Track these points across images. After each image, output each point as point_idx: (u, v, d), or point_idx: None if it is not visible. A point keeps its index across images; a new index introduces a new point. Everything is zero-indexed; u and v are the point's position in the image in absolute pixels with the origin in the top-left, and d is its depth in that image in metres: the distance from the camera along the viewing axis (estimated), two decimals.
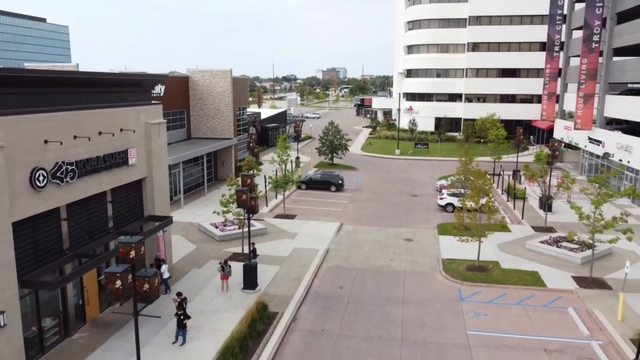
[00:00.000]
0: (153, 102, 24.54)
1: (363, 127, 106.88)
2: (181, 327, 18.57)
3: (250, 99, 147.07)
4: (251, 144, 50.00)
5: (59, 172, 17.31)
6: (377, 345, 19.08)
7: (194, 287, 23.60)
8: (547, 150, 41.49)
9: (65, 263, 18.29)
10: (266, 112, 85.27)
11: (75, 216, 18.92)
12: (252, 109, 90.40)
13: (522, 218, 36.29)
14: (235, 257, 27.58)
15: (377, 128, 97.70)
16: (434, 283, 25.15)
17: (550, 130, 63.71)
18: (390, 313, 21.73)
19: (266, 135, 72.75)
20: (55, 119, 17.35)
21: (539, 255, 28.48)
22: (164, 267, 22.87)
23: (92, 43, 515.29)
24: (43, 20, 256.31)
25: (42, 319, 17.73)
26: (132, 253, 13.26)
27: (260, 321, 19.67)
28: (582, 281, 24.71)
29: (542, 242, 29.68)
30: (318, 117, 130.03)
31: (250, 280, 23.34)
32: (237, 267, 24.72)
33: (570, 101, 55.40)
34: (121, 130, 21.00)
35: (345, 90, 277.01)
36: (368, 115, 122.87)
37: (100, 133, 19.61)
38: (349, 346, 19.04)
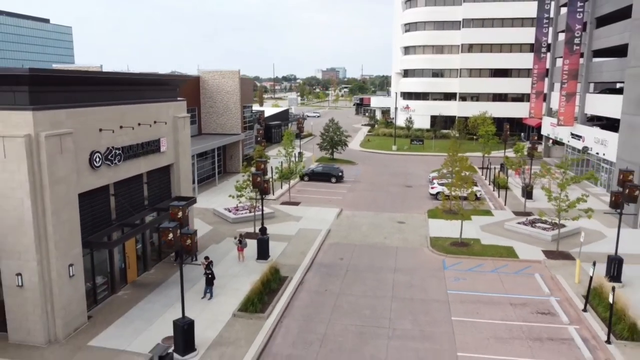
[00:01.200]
0: (178, 98, 28.35)
1: (362, 125, 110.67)
2: (209, 285, 22.37)
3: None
4: (259, 139, 53.75)
5: (109, 155, 21.10)
6: (371, 301, 22.88)
7: (214, 258, 27.15)
8: (528, 144, 45.22)
9: (113, 231, 22.08)
10: (269, 110, 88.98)
11: (121, 193, 22.72)
12: (255, 107, 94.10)
13: (505, 204, 40.11)
14: (248, 236, 31.28)
15: (376, 126, 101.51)
16: (422, 256, 28.97)
17: (540, 127, 67.55)
18: (383, 278, 25.53)
19: (269, 132, 76.46)
20: (107, 111, 21.13)
21: (516, 234, 32.32)
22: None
23: (93, 43, 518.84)
24: (46, 21, 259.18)
25: (95, 276, 21.52)
26: (180, 214, 17.07)
27: (273, 281, 23.46)
28: (549, 254, 28.53)
29: (519, 223, 33.54)
30: (318, 116, 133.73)
31: (262, 252, 27.15)
32: (250, 243, 28.50)
33: (556, 99, 59.16)
34: (155, 122, 24.79)
35: (345, 90, 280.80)
36: (367, 114, 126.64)
37: (139, 124, 23.41)
38: (348, 301, 22.84)
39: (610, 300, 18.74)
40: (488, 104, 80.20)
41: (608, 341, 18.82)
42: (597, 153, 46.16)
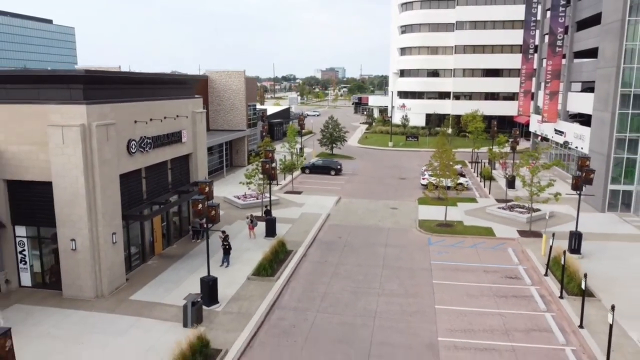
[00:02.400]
0: (195, 96, 32.15)
1: (360, 123, 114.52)
2: (226, 254, 26.16)
3: None
4: (263, 134, 57.62)
5: (142, 144, 24.88)
6: (364, 269, 26.68)
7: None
8: (511, 139, 49.02)
9: (144, 208, 25.85)
10: (271, 109, 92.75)
11: (150, 176, 26.52)
12: (257, 106, 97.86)
13: (489, 193, 43.97)
14: (255, 219, 35.12)
15: (373, 124, 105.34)
16: (411, 235, 32.80)
17: (529, 125, 71.35)
18: (375, 252, 29.34)
19: (271, 129, 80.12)
20: (140, 106, 24.91)
21: (495, 217, 36.15)
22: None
23: (93, 44, 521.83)
24: (49, 21, 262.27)
25: (130, 247, 25.30)
26: (207, 189, 20.88)
27: (281, 252, 27.27)
28: (523, 233, 32.36)
29: (499, 207, 37.41)
30: (318, 115, 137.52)
31: (270, 230, 30.97)
32: (259, 225, 32.26)
33: (542, 98, 62.98)
34: (177, 116, 28.59)
35: (344, 89, 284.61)
36: (365, 113, 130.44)
37: (165, 117, 27.19)
38: (345, 269, 26.64)
39: (562, 262, 22.55)
40: (480, 103, 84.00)
41: (561, 296, 22.63)
42: (577, 147, 49.96)
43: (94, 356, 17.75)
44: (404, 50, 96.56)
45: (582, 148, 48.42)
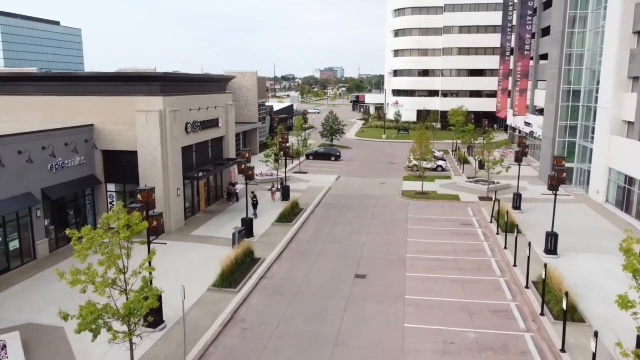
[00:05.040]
0: (227, 92, 41.26)
1: (357, 119, 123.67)
2: (255, 208, 35.25)
3: None
4: (274, 124, 66.89)
5: (194, 126, 33.95)
6: (358, 220, 35.78)
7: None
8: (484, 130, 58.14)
9: (195, 174, 34.92)
10: (277, 106, 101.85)
11: (198, 151, 35.63)
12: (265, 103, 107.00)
13: (463, 172, 53.16)
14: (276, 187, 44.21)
15: (369, 120, 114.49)
16: (395, 200, 41.95)
17: (507, 119, 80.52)
18: (367, 210, 38.46)
19: (278, 123, 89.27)
20: (192, 98, 33.97)
21: (463, 188, 45.34)
22: (238, 187, 39.63)
23: (93, 44, 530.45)
24: (57, 23, 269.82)
25: (185, 202, 34.37)
26: (247, 155, 30.02)
27: (296, 208, 36.40)
28: (482, 198, 41.51)
29: (467, 181, 46.59)
30: (318, 113, 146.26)
31: (286, 195, 40.13)
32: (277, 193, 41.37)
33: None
34: (215, 107, 37.66)
35: (343, 88, 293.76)
36: (361, 110, 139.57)
37: (208, 108, 36.27)
38: (343, 220, 35.74)
39: (496, 207, 31.67)
40: (466, 100, 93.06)
41: (497, 233, 31.77)
42: (539, 135, 59.15)
43: (181, 258, 26.80)
44: (397, 53, 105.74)
45: (540, 135, 57.67)
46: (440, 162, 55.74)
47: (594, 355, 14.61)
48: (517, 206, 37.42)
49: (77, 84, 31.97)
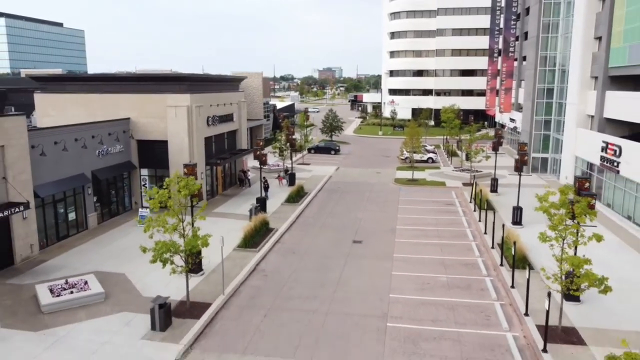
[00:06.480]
0: (240, 90, 46.65)
1: (355, 118, 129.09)
2: (266, 190, 40.63)
3: None
4: (279, 120, 72.30)
5: (213, 119, 39.31)
6: (356, 201, 41.20)
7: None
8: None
9: (215, 160, 40.27)
10: (279, 104, 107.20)
11: (216, 141, 41.01)
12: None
13: (450, 163, 58.69)
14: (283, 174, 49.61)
15: (367, 118, 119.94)
16: (388, 186, 47.39)
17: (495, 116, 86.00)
18: (363, 194, 43.90)
19: (280, 121, 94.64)
20: (212, 96, 39.33)
21: (450, 176, 50.82)
22: (249, 174, 45.05)
23: (93, 44, 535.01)
24: (60, 25, 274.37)
25: (206, 185, 39.71)
26: (261, 143, 35.38)
27: (301, 192, 41.82)
28: (465, 185, 46.95)
29: (453, 170, 52.08)
30: (317, 112, 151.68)
31: (292, 181, 45.57)
32: (283, 180, 46.76)
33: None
34: (230, 103, 43.03)
35: (341, 88, 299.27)
36: (359, 108, 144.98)
37: (224, 104, 41.64)
38: (343, 201, 41.15)
39: (475, 188, 37.09)
40: (458, 98, 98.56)
41: (474, 210, 37.21)
42: (520, 130, 64.56)
43: (208, 228, 32.06)
44: (393, 54, 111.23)
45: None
46: (431, 155, 61.25)
47: (528, 280, 20.08)
48: (494, 189, 42.90)
49: (114, 83, 37.36)
